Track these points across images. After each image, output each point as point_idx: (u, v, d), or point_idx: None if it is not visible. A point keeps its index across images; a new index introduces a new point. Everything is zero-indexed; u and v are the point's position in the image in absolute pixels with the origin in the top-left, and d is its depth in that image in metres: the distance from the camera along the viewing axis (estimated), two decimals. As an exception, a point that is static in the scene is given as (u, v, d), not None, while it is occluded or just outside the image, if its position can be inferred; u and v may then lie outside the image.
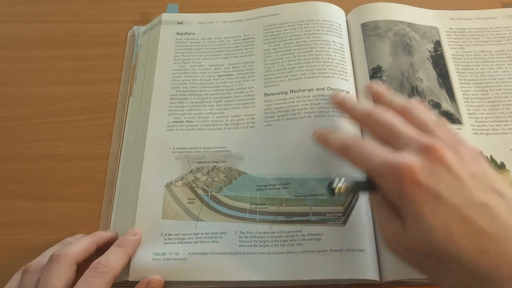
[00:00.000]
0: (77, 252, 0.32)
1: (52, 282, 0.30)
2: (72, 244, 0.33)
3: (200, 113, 0.42)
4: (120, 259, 0.33)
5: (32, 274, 0.31)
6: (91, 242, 0.34)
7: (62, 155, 0.41)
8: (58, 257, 0.31)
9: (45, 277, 0.30)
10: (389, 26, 0.45)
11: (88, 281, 0.30)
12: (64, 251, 0.32)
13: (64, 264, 0.31)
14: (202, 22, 0.47)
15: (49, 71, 0.46)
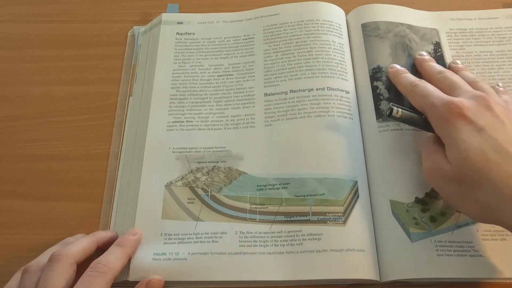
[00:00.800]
0: (77, 252, 0.32)
1: (52, 282, 0.30)
2: (72, 244, 0.33)
3: (200, 113, 0.42)
4: (119, 258, 0.33)
5: (32, 274, 0.31)
6: (91, 242, 0.34)
7: (62, 155, 0.41)
8: (58, 257, 0.31)
9: (45, 276, 0.30)
10: (389, 27, 0.45)
11: (88, 280, 0.30)
12: (64, 251, 0.31)
13: (64, 263, 0.31)
14: (202, 22, 0.47)
15: (49, 71, 0.46)
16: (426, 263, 0.33)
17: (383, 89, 0.41)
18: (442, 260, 0.33)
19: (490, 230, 0.35)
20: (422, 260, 0.33)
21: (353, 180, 0.37)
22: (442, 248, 0.34)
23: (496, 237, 0.35)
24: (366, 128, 0.40)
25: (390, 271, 0.34)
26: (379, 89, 0.41)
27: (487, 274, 0.33)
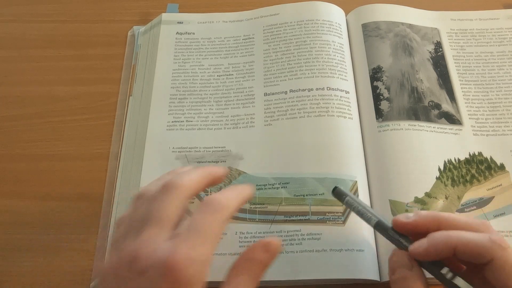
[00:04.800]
0: (193, 185, 0.28)
1: (167, 212, 0.26)
2: (189, 175, 0.28)
3: (200, 113, 0.42)
4: (235, 199, 0.28)
5: (145, 200, 0.28)
6: (208, 176, 0.29)
7: (62, 155, 0.41)
8: (175, 186, 0.27)
9: (160, 204, 0.27)
10: (389, 27, 0.45)
11: (201, 217, 0.26)
12: (182, 181, 0.27)
13: (180, 195, 0.27)
14: (202, 22, 0.47)
15: (49, 71, 0.46)
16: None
17: (383, 89, 0.41)
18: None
19: (490, 230, 0.35)
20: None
21: (352, 180, 0.37)
22: (442, 248, 0.34)
23: (496, 237, 0.35)
24: (366, 128, 0.40)
25: (389, 271, 0.34)
26: (379, 89, 0.41)
27: (487, 274, 0.33)
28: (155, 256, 0.24)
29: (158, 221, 0.26)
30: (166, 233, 0.26)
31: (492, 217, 0.35)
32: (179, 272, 0.23)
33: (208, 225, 0.25)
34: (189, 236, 0.25)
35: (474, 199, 0.36)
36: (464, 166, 0.38)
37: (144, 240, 0.25)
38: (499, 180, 0.37)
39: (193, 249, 0.24)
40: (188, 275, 0.24)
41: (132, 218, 0.27)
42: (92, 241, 0.37)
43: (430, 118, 0.40)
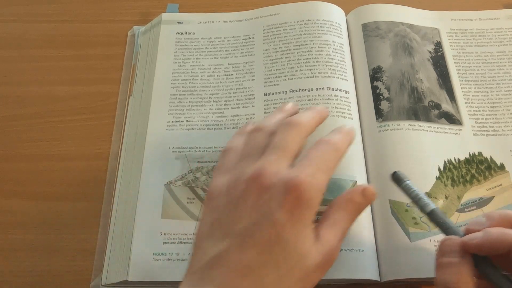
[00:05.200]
0: (312, 124, 0.31)
1: (289, 143, 0.29)
2: (306, 115, 0.32)
3: (200, 113, 0.42)
4: (345, 142, 0.31)
5: (265, 132, 0.31)
6: (319, 116, 0.33)
7: (62, 155, 0.41)
8: (298, 123, 0.30)
9: (283, 136, 0.29)
10: (389, 27, 0.45)
11: (319, 151, 0.29)
12: (302, 120, 0.31)
13: (301, 132, 0.30)
14: (202, 21, 0.47)
15: (49, 71, 0.46)
16: (426, 263, 0.33)
17: (383, 89, 0.41)
18: (442, 260, 0.33)
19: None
20: (421, 260, 0.33)
21: (352, 180, 0.37)
22: (442, 248, 0.34)
23: (496, 237, 0.35)
24: (365, 128, 0.40)
25: (389, 271, 0.34)
26: (379, 89, 0.41)
27: (487, 275, 0.33)
28: (281, 176, 0.27)
29: (281, 149, 0.29)
30: (288, 160, 0.29)
31: (492, 217, 0.36)
32: (302, 192, 0.26)
33: (326, 158, 0.29)
34: (310, 165, 0.28)
35: (474, 199, 0.36)
36: (464, 166, 0.38)
37: (268, 161, 0.28)
38: (499, 180, 0.37)
39: (314, 176, 0.27)
40: (309, 195, 0.27)
41: (250, 146, 0.31)
42: (92, 241, 0.37)
43: (430, 118, 0.40)
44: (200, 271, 0.26)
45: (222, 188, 0.29)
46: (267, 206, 0.27)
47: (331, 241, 0.28)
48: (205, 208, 0.30)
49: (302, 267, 0.26)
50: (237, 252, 0.26)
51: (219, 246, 0.26)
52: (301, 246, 0.26)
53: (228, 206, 0.28)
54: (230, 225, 0.27)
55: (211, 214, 0.29)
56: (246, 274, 0.25)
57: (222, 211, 0.28)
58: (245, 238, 0.26)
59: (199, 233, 0.29)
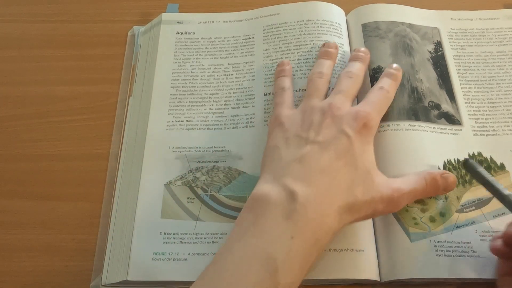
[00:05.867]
0: (363, 75, 0.40)
1: (350, 90, 0.37)
2: (361, 68, 0.40)
3: (200, 113, 0.42)
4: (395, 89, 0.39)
5: (325, 80, 0.39)
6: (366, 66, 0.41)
7: (62, 155, 0.41)
8: (355, 75, 0.38)
9: (346, 83, 0.37)
10: (389, 27, 0.45)
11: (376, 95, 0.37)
12: (358, 73, 0.39)
13: (358, 82, 0.39)
14: (202, 21, 0.47)
15: (49, 71, 0.46)
16: (425, 263, 0.33)
17: (383, 89, 0.41)
18: (441, 260, 0.33)
19: (488, 231, 0.35)
20: (421, 260, 0.33)
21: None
22: (441, 248, 0.34)
23: (496, 238, 0.35)
24: (366, 128, 0.40)
25: (389, 271, 0.34)
26: (379, 89, 0.41)
27: (486, 275, 0.33)
28: (350, 109, 0.35)
29: (346, 93, 0.37)
30: (350, 102, 0.37)
31: (491, 217, 0.36)
32: (368, 121, 0.34)
33: (382, 102, 0.37)
34: (372, 105, 0.36)
35: (473, 199, 0.36)
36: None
37: (338, 98, 0.36)
38: (499, 180, 0.37)
39: (375, 112, 0.35)
40: (372, 124, 0.34)
41: (314, 86, 0.38)
42: (92, 241, 0.37)
43: (430, 118, 0.40)
44: (279, 170, 0.32)
45: (294, 116, 0.36)
46: (340, 126, 0.33)
47: (402, 190, 0.33)
48: (277, 129, 0.35)
49: (368, 181, 0.32)
50: (318, 154, 0.32)
51: (301, 150, 0.32)
52: (367, 161, 0.33)
53: (304, 126, 0.34)
54: (310, 137, 0.33)
55: (285, 132, 0.34)
56: (324, 172, 0.31)
57: (299, 129, 0.34)
58: (325, 145, 0.32)
59: (272, 146, 0.34)
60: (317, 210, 0.29)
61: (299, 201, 0.29)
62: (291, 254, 0.28)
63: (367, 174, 0.32)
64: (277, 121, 0.36)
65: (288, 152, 0.33)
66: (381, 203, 0.32)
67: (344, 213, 0.30)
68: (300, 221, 0.29)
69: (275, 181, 0.31)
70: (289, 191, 0.30)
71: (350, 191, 0.31)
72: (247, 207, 0.31)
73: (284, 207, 0.29)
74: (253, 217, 0.30)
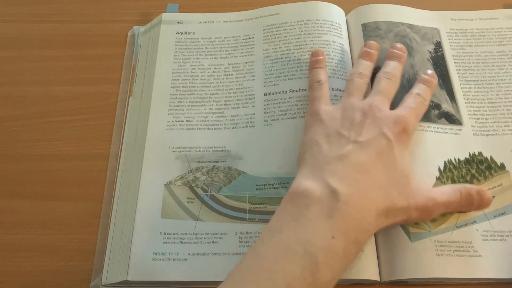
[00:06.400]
0: (400, 75, 0.39)
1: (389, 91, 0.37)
2: (399, 68, 0.39)
3: (200, 113, 0.42)
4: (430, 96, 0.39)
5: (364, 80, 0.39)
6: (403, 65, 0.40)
7: (62, 155, 0.41)
8: (394, 77, 0.38)
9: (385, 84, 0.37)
10: (389, 27, 0.45)
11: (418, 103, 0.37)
12: (397, 74, 0.39)
13: (397, 83, 0.38)
14: (202, 21, 0.47)
15: (49, 71, 0.46)
16: (426, 263, 0.33)
17: (383, 89, 0.41)
18: (442, 260, 0.33)
19: (489, 231, 0.35)
20: (421, 260, 0.33)
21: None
22: (442, 248, 0.34)
23: (496, 238, 0.35)
24: (366, 128, 0.40)
25: (390, 271, 0.34)
26: (379, 89, 0.41)
27: (487, 275, 0.33)
28: (389, 112, 0.35)
29: (385, 94, 0.37)
30: (389, 103, 0.37)
31: (492, 217, 0.35)
32: (407, 126, 0.34)
33: (419, 109, 0.37)
34: (411, 111, 0.36)
35: (474, 199, 0.36)
36: (464, 166, 0.38)
37: (377, 100, 0.36)
38: (499, 180, 0.37)
39: (414, 118, 0.36)
40: (410, 130, 0.35)
41: (353, 86, 0.38)
42: (92, 241, 0.37)
43: (430, 118, 0.40)
44: (320, 166, 0.32)
45: (334, 112, 0.36)
46: (381, 128, 0.34)
47: (436, 200, 0.33)
48: (317, 124, 0.35)
49: (405, 185, 0.32)
50: (359, 153, 0.33)
51: (343, 149, 0.33)
52: (405, 167, 0.33)
53: (345, 124, 0.34)
54: (351, 136, 0.34)
55: (324, 128, 0.35)
56: (364, 172, 0.32)
57: (340, 127, 0.34)
58: (366, 145, 0.33)
59: (312, 141, 0.35)
60: (358, 210, 0.30)
61: (341, 200, 0.30)
62: (331, 254, 0.28)
63: (405, 178, 0.33)
64: (317, 116, 0.36)
65: (329, 148, 0.33)
66: (416, 211, 0.32)
67: (382, 215, 0.31)
68: (342, 221, 0.29)
69: (317, 178, 0.31)
70: (331, 189, 0.30)
71: (388, 194, 0.31)
72: (289, 200, 0.31)
73: (327, 205, 0.30)
74: (295, 211, 0.30)
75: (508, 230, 0.35)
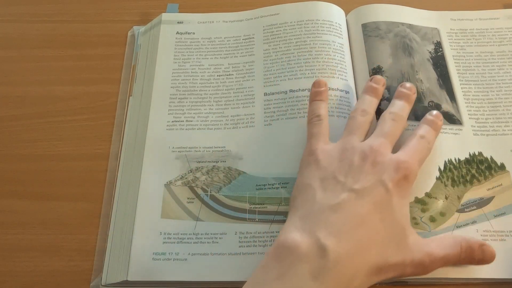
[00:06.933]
0: (407, 116, 0.37)
1: (394, 133, 0.35)
2: (406, 110, 0.37)
3: (200, 113, 0.42)
4: (435, 138, 0.37)
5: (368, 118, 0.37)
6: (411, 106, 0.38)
7: (62, 155, 0.41)
8: (401, 118, 0.36)
9: (390, 125, 0.35)
10: (389, 27, 0.45)
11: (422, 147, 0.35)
12: (404, 115, 0.36)
13: (403, 124, 0.36)
14: (202, 21, 0.47)
15: (49, 71, 0.46)
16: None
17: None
18: (442, 260, 0.33)
19: (489, 231, 0.35)
20: (421, 260, 0.33)
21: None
22: (442, 248, 0.34)
23: (496, 238, 0.35)
24: (366, 128, 0.40)
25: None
26: (379, 89, 0.41)
27: (487, 275, 0.33)
28: (391, 156, 0.33)
29: (389, 136, 0.35)
30: (391, 145, 0.35)
31: (492, 217, 0.35)
32: (409, 173, 0.32)
33: (423, 153, 0.35)
34: (414, 155, 0.33)
35: (474, 199, 0.36)
36: (464, 166, 0.38)
37: (379, 142, 0.34)
38: (499, 180, 0.37)
39: (417, 164, 0.33)
40: (412, 177, 0.32)
41: (355, 124, 0.36)
42: (92, 241, 0.37)
43: (430, 118, 0.40)
44: (311, 216, 0.30)
45: (333, 153, 0.34)
46: (380, 175, 0.31)
47: (434, 255, 0.31)
48: (313, 166, 0.34)
49: (401, 240, 0.30)
50: (355, 203, 0.30)
51: (337, 198, 0.31)
52: (403, 218, 0.31)
53: (342, 168, 0.32)
54: (348, 182, 0.31)
55: (320, 171, 0.33)
56: (358, 226, 0.29)
57: (336, 171, 0.32)
58: (363, 194, 0.31)
59: (306, 186, 0.33)
60: (348, 269, 0.28)
61: (330, 259, 0.28)
62: None
63: (402, 231, 0.31)
64: (313, 156, 0.34)
65: (323, 196, 0.31)
66: (411, 266, 0.30)
67: (373, 274, 0.29)
68: (329, 281, 0.28)
69: (306, 231, 0.29)
70: (320, 245, 0.28)
71: (382, 250, 0.30)
72: (274, 255, 0.29)
73: (314, 264, 0.28)
74: (280, 268, 0.28)
75: (508, 230, 0.35)
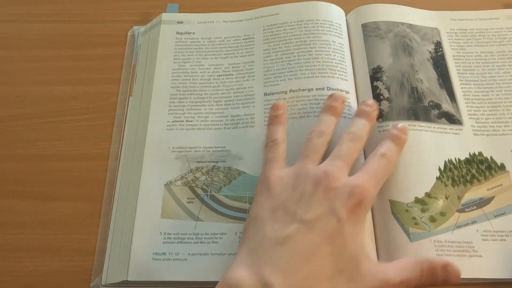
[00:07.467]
0: (367, 135, 0.35)
1: (351, 154, 0.34)
2: (366, 128, 0.35)
3: (200, 113, 0.42)
4: (399, 155, 0.36)
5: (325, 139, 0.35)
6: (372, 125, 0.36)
7: (62, 155, 0.41)
8: (360, 138, 0.35)
9: (347, 146, 0.34)
10: (389, 27, 0.45)
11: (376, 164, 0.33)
12: (363, 134, 0.35)
13: (362, 144, 0.35)
14: (202, 21, 0.47)
15: (49, 71, 0.46)
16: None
17: (383, 89, 0.41)
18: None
19: (489, 231, 0.35)
20: (421, 260, 0.33)
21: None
22: (442, 248, 0.34)
23: (496, 238, 0.35)
24: (366, 128, 0.40)
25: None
26: (379, 89, 0.41)
27: (487, 275, 0.33)
28: (346, 181, 0.31)
29: (345, 158, 0.33)
30: (349, 168, 0.33)
31: (492, 217, 0.36)
32: (364, 198, 0.30)
33: (383, 173, 0.33)
34: (371, 177, 0.32)
35: (474, 199, 0.36)
36: (464, 166, 0.38)
37: (335, 166, 0.32)
38: (499, 180, 0.37)
39: (373, 187, 0.32)
40: (368, 202, 0.31)
41: (310, 148, 0.34)
42: (92, 241, 0.37)
43: (430, 118, 0.40)
44: (258, 251, 0.29)
45: (286, 180, 0.32)
46: (332, 203, 0.30)
47: (391, 281, 0.29)
48: (265, 195, 0.32)
49: (354, 270, 0.29)
50: (303, 236, 0.29)
51: (286, 230, 0.29)
52: (356, 246, 0.29)
53: (294, 197, 0.31)
54: (298, 213, 0.30)
55: (272, 201, 0.32)
56: (306, 261, 0.28)
57: (287, 200, 0.31)
58: (313, 225, 0.29)
59: (257, 216, 0.31)
60: None
61: None
62: None
63: (354, 262, 0.29)
64: (265, 184, 0.33)
65: (272, 228, 0.30)
66: None
67: None
68: None
69: (252, 267, 0.28)
70: (264, 282, 0.27)
71: (332, 284, 0.28)
72: None
73: None
74: None
75: (508, 230, 0.35)
